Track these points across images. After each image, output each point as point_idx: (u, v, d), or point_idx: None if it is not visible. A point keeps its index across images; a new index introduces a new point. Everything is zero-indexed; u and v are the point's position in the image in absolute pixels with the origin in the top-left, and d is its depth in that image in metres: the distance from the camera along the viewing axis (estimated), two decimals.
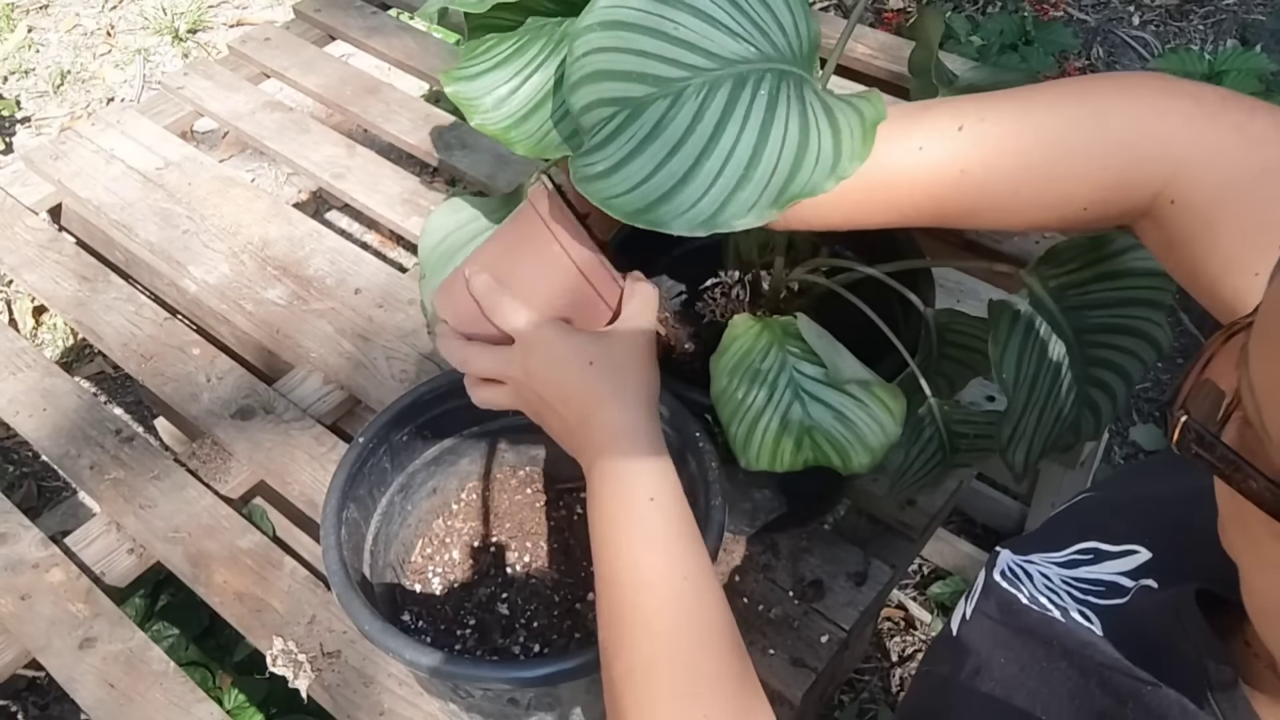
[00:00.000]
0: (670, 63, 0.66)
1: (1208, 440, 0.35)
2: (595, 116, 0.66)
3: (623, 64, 0.66)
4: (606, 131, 0.65)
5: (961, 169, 0.61)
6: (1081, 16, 2.51)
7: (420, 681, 0.86)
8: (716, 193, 0.62)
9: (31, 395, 1.11)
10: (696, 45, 0.66)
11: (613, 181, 0.63)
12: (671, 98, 0.65)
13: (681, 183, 0.62)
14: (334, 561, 0.75)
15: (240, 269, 1.22)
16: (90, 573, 0.97)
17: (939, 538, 1.55)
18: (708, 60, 0.66)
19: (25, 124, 2.47)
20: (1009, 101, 0.62)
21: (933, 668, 0.59)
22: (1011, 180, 0.60)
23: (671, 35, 0.66)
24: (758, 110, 0.64)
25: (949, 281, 1.13)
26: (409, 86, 1.73)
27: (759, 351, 0.78)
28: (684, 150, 0.63)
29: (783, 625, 0.90)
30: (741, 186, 0.62)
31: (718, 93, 0.65)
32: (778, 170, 0.62)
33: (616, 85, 0.66)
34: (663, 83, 0.65)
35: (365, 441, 0.82)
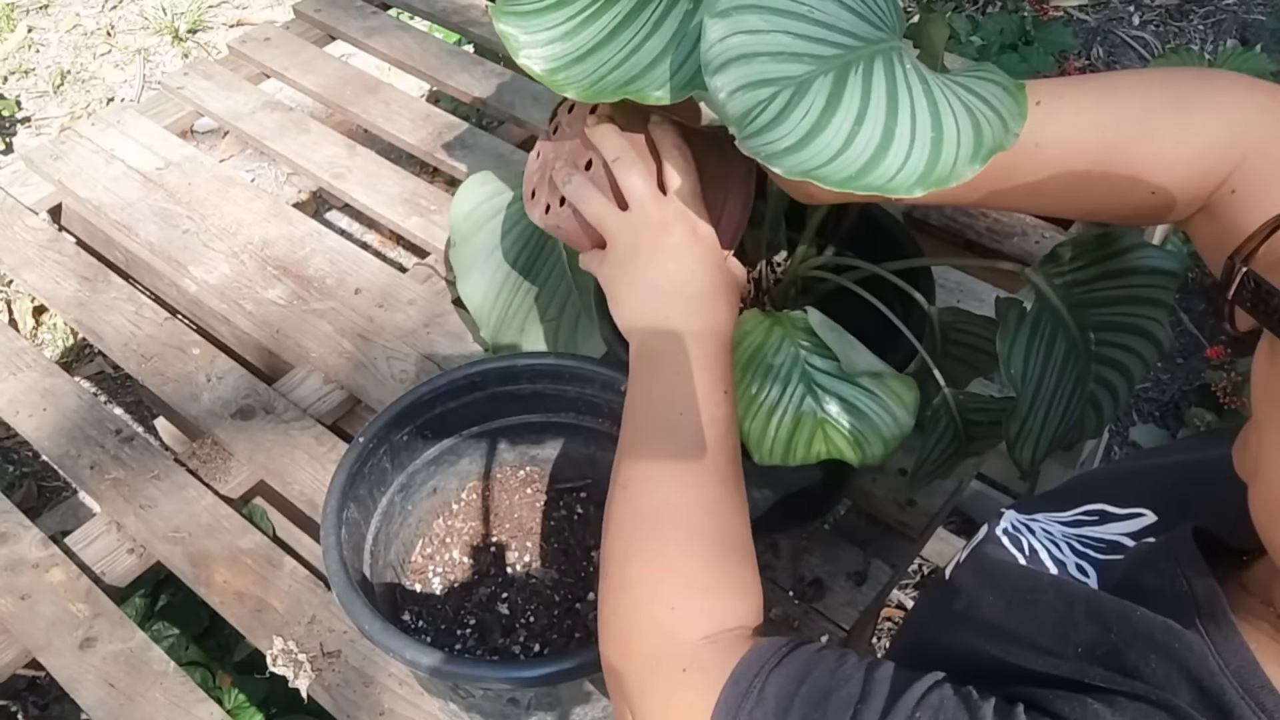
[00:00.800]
0: (819, 42, 0.66)
1: (1265, 287, 0.37)
2: (755, 96, 0.65)
3: (770, 45, 0.65)
4: (773, 111, 0.64)
5: (1036, 142, 0.61)
6: (1081, 16, 2.51)
7: (420, 681, 0.86)
8: (917, 157, 0.61)
9: (31, 395, 1.11)
10: (835, 25, 0.66)
11: (807, 154, 0.62)
12: (834, 73, 0.64)
13: (881, 149, 0.61)
14: (334, 561, 0.75)
15: (240, 269, 1.22)
16: (90, 573, 0.97)
17: (939, 538, 1.55)
18: (851, 39, 0.66)
19: (25, 124, 2.47)
20: (1090, 82, 0.62)
21: (920, 608, 0.60)
22: (1087, 157, 0.60)
23: (809, 17, 0.67)
24: (917, 84, 0.64)
25: (949, 281, 1.13)
26: (409, 86, 1.73)
27: (770, 346, 0.78)
28: (869, 120, 0.62)
29: (783, 625, 0.90)
30: (937, 148, 0.61)
31: (876, 68, 0.64)
32: (961, 132, 0.61)
33: (771, 65, 0.65)
34: (820, 60, 0.65)
35: (365, 441, 0.82)
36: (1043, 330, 0.78)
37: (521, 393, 0.87)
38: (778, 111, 0.64)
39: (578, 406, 0.88)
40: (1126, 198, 0.61)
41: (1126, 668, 0.45)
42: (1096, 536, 0.54)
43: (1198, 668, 0.43)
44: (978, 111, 0.62)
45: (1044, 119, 0.61)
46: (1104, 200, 0.62)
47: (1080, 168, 0.61)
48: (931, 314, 0.82)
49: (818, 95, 0.63)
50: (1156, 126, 0.59)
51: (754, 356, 0.78)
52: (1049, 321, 0.78)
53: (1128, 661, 0.46)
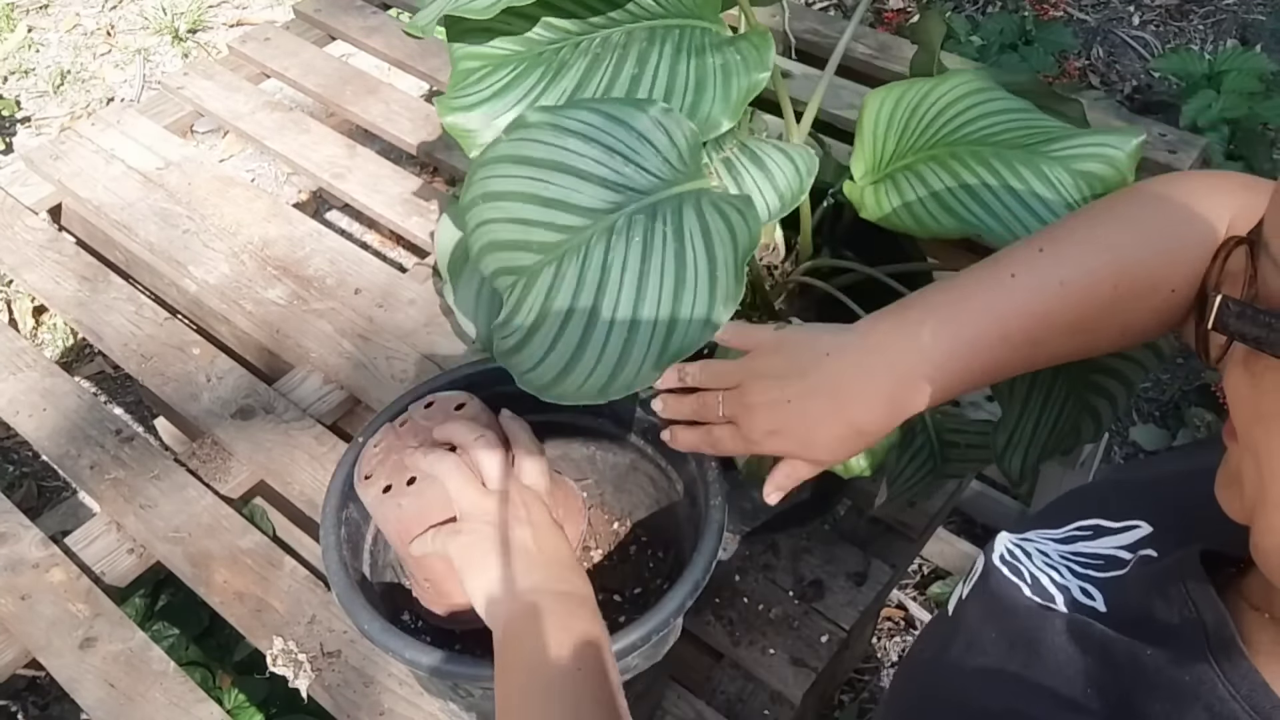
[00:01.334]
0: (548, 227, 0.67)
1: (1248, 312, 0.38)
2: (503, 284, 0.68)
3: (509, 233, 0.67)
4: (513, 300, 0.66)
5: (1060, 281, 0.63)
6: (1081, 16, 2.52)
7: (420, 681, 0.86)
8: (606, 360, 0.63)
9: (31, 395, 1.11)
10: (568, 203, 0.67)
11: (524, 356, 0.65)
12: (555, 263, 0.66)
13: (578, 352, 0.64)
14: (334, 561, 0.75)
15: (240, 269, 1.22)
16: (90, 573, 0.97)
17: (939, 538, 1.55)
18: (580, 217, 0.67)
19: (25, 124, 2.47)
20: (1075, 217, 0.66)
21: (921, 649, 0.60)
22: (1108, 276, 0.62)
23: (544, 197, 0.67)
24: (633, 263, 0.65)
25: None
26: (409, 86, 1.73)
27: None
28: (574, 319, 0.64)
29: (783, 625, 0.90)
30: (628, 351, 0.63)
31: (594, 253, 0.66)
32: (656, 329, 0.63)
33: (509, 255, 0.67)
34: (546, 248, 0.66)
35: (365, 441, 0.82)
36: None
37: (520, 392, 0.87)
38: (515, 303, 0.66)
39: (577, 407, 0.88)
40: (1151, 304, 0.63)
41: (1140, 712, 0.45)
42: (1092, 552, 0.54)
43: (1208, 695, 0.43)
44: (686, 299, 0.64)
45: (1056, 260, 0.63)
46: (1136, 314, 0.64)
47: (1106, 290, 0.62)
48: None
49: (540, 289, 0.65)
50: (1155, 231, 0.62)
51: None
52: None
53: (1139, 704, 0.45)
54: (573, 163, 0.68)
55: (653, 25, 0.77)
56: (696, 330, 0.62)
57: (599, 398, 0.63)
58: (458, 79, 0.77)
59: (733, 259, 0.63)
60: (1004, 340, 0.63)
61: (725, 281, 0.63)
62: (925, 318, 0.64)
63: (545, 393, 0.63)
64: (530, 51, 0.77)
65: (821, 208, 0.92)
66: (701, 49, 0.76)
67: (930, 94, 0.80)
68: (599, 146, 0.68)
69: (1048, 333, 0.63)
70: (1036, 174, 0.74)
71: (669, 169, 0.69)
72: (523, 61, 0.77)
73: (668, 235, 0.65)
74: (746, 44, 0.75)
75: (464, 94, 0.76)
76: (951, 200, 0.75)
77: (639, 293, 0.64)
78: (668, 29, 0.77)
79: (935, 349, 0.63)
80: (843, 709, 1.49)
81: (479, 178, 0.68)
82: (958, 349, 0.63)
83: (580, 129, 0.69)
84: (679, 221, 0.66)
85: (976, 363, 0.64)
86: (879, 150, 0.80)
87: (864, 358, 0.66)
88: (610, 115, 0.70)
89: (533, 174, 0.67)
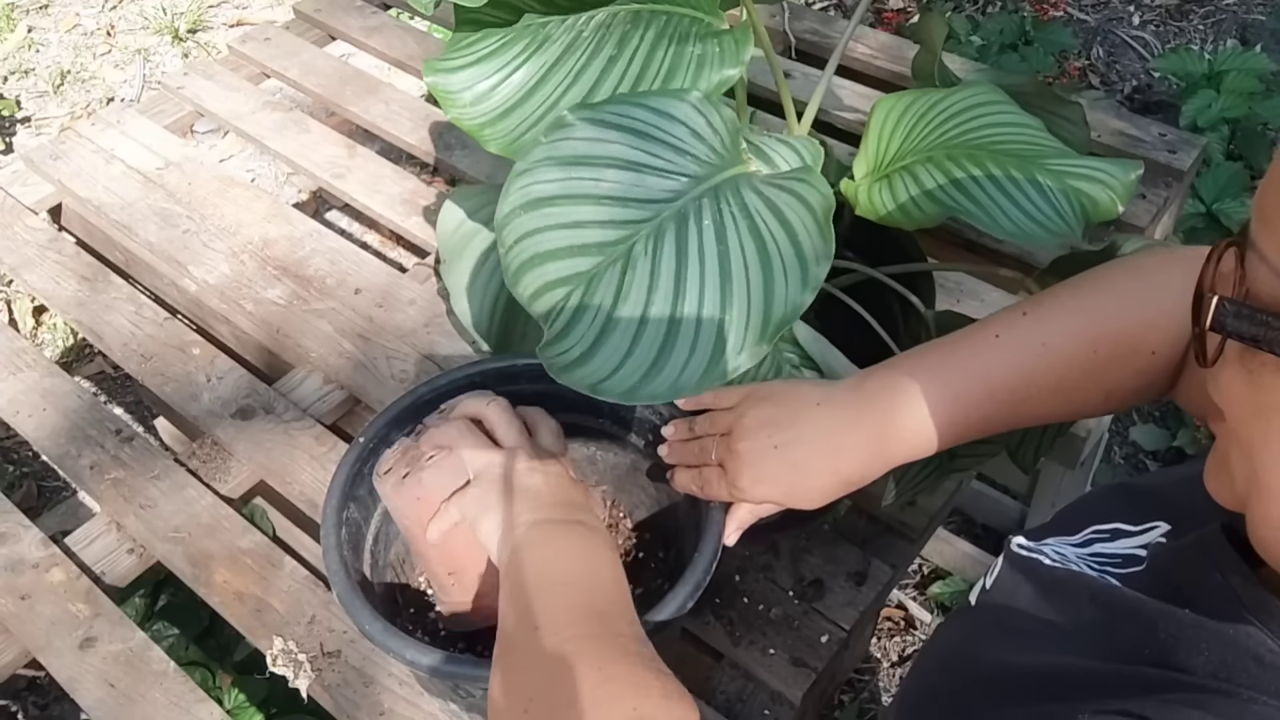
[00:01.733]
0: (607, 225, 0.63)
1: (1245, 311, 0.38)
2: (548, 301, 0.62)
3: (559, 240, 0.63)
4: (566, 315, 0.62)
5: (1043, 342, 0.65)
6: (1081, 16, 2.52)
7: (420, 681, 0.86)
8: (703, 347, 0.60)
9: (31, 395, 1.11)
10: (627, 197, 0.64)
11: (592, 368, 0.60)
12: (621, 260, 0.62)
13: (664, 350, 0.60)
14: (334, 562, 0.75)
15: (240, 269, 1.22)
16: (90, 573, 0.97)
17: (939, 538, 1.55)
18: (642, 209, 0.64)
19: (25, 124, 2.47)
20: (1059, 286, 0.68)
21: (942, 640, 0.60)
22: (1089, 338, 0.65)
23: (597, 195, 0.64)
24: (710, 245, 0.62)
25: (949, 281, 1.13)
26: (409, 86, 1.73)
27: None
28: (654, 311, 0.60)
29: (783, 625, 0.90)
30: (723, 335, 0.60)
31: (665, 241, 0.62)
32: (753, 302, 0.60)
33: (560, 264, 0.62)
34: (606, 248, 0.62)
35: (365, 442, 0.82)
36: None
37: (521, 393, 0.87)
38: (571, 317, 0.62)
39: (578, 406, 0.88)
40: (1134, 366, 0.65)
41: (1180, 665, 0.45)
42: (1111, 552, 0.54)
43: (1257, 647, 0.43)
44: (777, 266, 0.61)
45: (1039, 323, 0.66)
46: (1118, 377, 0.65)
47: (1087, 351, 0.65)
48: (928, 318, 0.82)
49: (606, 292, 0.61)
50: (1134, 297, 0.65)
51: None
52: None
53: (1179, 659, 0.45)
54: (623, 155, 0.66)
55: (639, 9, 0.77)
56: (796, 293, 0.60)
57: (700, 387, 0.59)
58: (451, 44, 0.78)
59: (811, 219, 0.62)
60: (989, 396, 0.65)
61: (811, 241, 0.61)
62: (914, 371, 0.67)
63: (631, 397, 0.60)
64: (520, 24, 0.78)
65: None
66: (684, 37, 0.75)
67: (940, 102, 0.80)
68: (646, 138, 0.67)
69: (1031, 390, 0.65)
70: (1028, 178, 0.74)
71: (715, 155, 0.67)
72: (510, 32, 0.77)
73: (735, 215, 0.63)
74: (729, 38, 0.75)
75: (451, 56, 0.77)
76: (938, 191, 0.75)
77: (723, 272, 0.61)
78: (653, 14, 0.77)
79: (922, 402, 0.65)
80: (843, 709, 1.49)
81: (518, 186, 0.65)
82: (944, 402, 0.65)
83: (623, 122, 0.67)
84: (742, 201, 0.64)
85: (962, 416, 0.66)
86: (882, 152, 0.80)
87: (853, 409, 0.67)
88: (650, 106, 0.68)
89: (581, 173, 0.65)
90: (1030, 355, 0.65)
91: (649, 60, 0.74)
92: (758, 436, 0.68)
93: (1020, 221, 0.73)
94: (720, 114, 0.69)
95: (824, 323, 0.85)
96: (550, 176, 0.65)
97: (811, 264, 0.61)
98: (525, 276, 0.63)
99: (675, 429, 0.77)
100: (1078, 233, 0.73)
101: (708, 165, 0.67)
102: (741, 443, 0.69)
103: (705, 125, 0.68)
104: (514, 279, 0.64)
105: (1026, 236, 0.73)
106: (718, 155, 0.68)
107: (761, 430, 0.68)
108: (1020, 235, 0.73)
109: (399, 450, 0.78)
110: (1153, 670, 0.45)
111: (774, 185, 0.65)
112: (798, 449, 0.67)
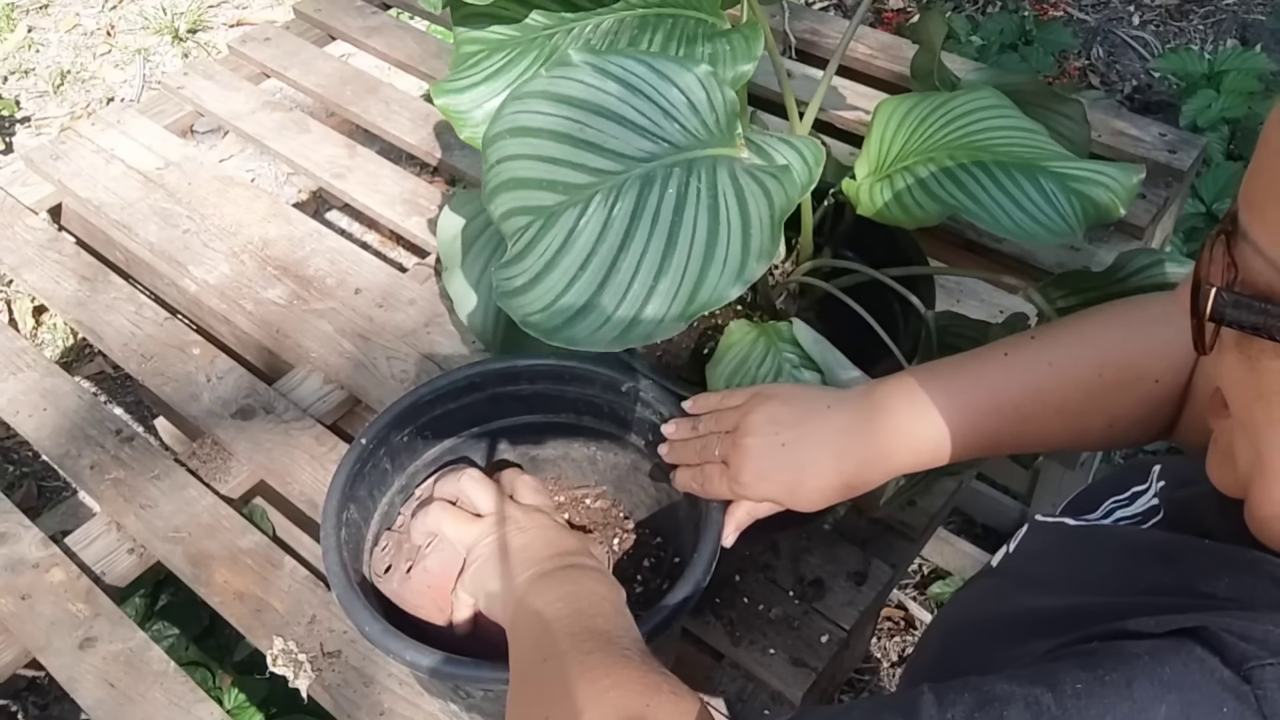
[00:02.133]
0: (578, 168, 0.65)
1: (1243, 300, 0.39)
2: (514, 225, 0.65)
3: (534, 171, 0.65)
4: (524, 241, 0.64)
5: (1049, 362, 0.67)
6: (1081, 16, 2.51)
7: (420, 682, 0.86)
8: (627, 307, 0.61)
9: (31, 395, 1.11)
10: (604, 147, 0.66)
11: (531, 297, 0.62)
12: (581, 205, 0.64)
13: (595, 296, 0.61)
14: (334, 563, 0.75)
15: (240, 269, 1.22)
16: (90, 573, 0.97)
17: (939, 538, 1.55)
18: (615, 162, 0.65)
19: (25, 124, 2.47)
20: (1069, 317, 0.70)
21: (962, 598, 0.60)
22: (1094, 363, 0.66)
23: (578, 139, 0.66)
24: (666, 212, 0.63)
25: (948, 281, 1.13)
26: (409, 86, 1.73)
27: (755, 358, 0.78)
28: (595, 261, 0.62)
29: (783, 625, 0.90)
30: (650, 299, 0.61)
31: (625, 197, 0.64)
32: (685, 278, 0.61)
33: (529, 194, 0.65)
34: (572, 189, 0.64)
35: (365, 443, 0.82)
36: None
37: (522, 393, 0.87)
38: (527, 243, 0.64)
39: (578, 407, 0.88)
40: (1137, 394, 0.66)
41: (1201, 592, 0.46)
42: (1131, 513, 0.56)
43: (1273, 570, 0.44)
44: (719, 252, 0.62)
45: (1046, 345, 0.68)
46: (1122, 404, 0.66)
47: (1092, 374, 0.66)
48: (928, 318, 0.82)
49: (560, 230, 0.63)
50: (1139, 327, 0.66)
51: (739, 367, 0.78)
52: None
53: (1199, 586, 0.46)
54: (613, 107, 0.67)
55: (645, 14, 0.77)
56: (728, 283, 0.61)
57: (613, 345, 0.61)
58: (458, 62, 0.78)
59: (768, 216, 0.62)
60: (995, 410, 0.67)
61: (760, 238, 0.62)
62: (923, 381, 0.68)
63: (552, 336, 0.61)
64: (525, 37, 0.77)
65: (822, 207, 0.92)
66: (693, 38, 0.76)
67: (943, 105, 0.80)
68: (641, 96, 0.67)
69: (1037, 408, 0.67)
70: (1030, 180, 0.75)
71: (705, 131, 0.68)
72: (517, 46, 0.77)
73: (701, 191, 0.64)
74: (738, 36, 0.75)
75: (458, 77, 0.77)
76: (937, 188, 0.75)
77: (669, 242, 0.62)
78: (660, 18, 0.77)
79: (931, 410, 0.66)
80: None
81: (509, 111, 0.67)
82: (951, 411, 0.66)
83: (623, 75, 0.68)
84: (713, 179, 0.65)
85: (968, 427, 0.67)
86: (884, 153, 0.80)
87: (862, 414, 0.68)
88: (654, 67, 0.69)
89: (569, 113, 0.66)
90: (1037, 373, 0.67)
91: None
92: (765, 432, 0.69)
93: (1021, 220, 0.73)
94: (723, 93, 0.69)
95: (824, 323, 0.85)
96: (540, 109, 0.66)
97: (752, 259, 0.62)
98: (499, 196, 0.66)
99: (677, 427, 0.77)
100: (1079, 233, 0.73)
101: (692, 138, 0.67)
102: (748, 438, 0.69)
103: (704, 99, 0.69)
104: (489, 196, 0.66)
105: (1027, 236, 0.73)
106: (707, 130, 0.68)
107: (769, 426, 0.69)
108: (1021, 234, 0.73)
109: (391, 547, 0.80)
110: (1173, 600, 0.46)
111: (749, 174, 0.66)
112: (803, 448, 0.68)
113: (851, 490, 0.69)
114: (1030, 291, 0.79)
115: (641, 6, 0.78)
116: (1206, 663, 0.40)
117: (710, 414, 0.75)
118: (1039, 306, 0.78)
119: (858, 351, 0.80)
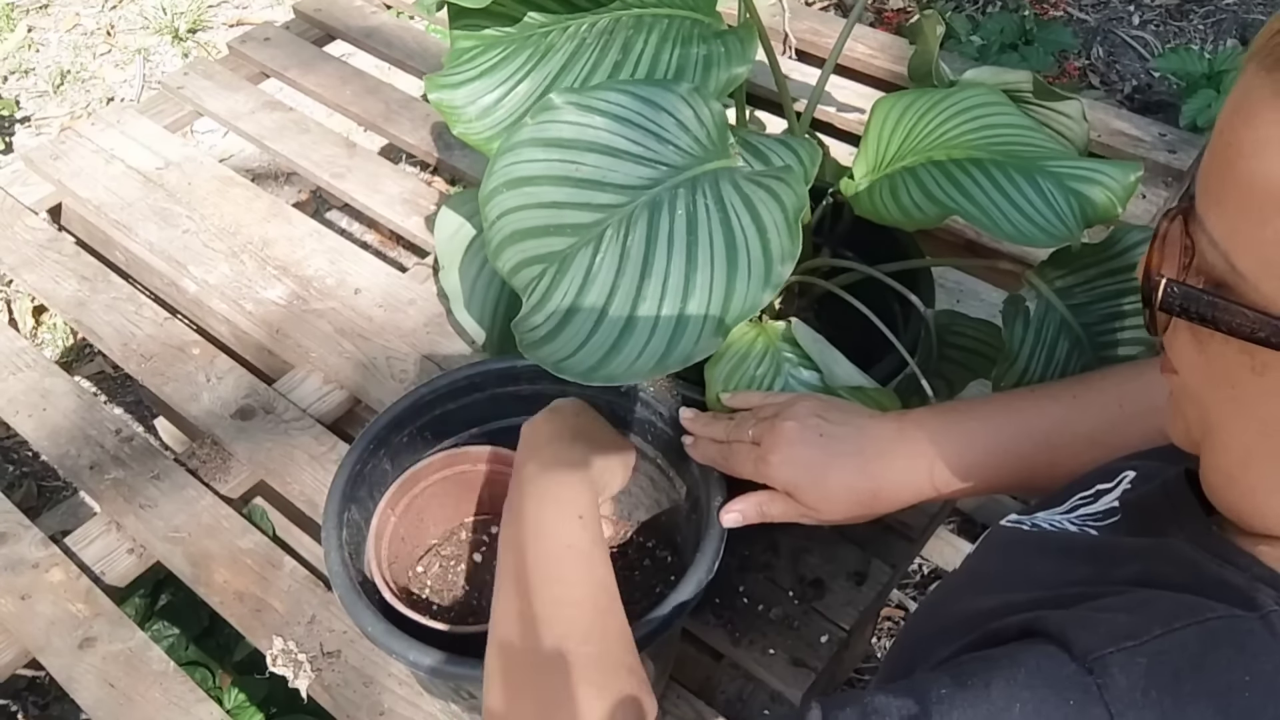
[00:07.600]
0: (582, 207, 0.65)
1: (1192, 293, 0.40)
2: (525, 276, 0.65)
3: (536, 219, 0.65)
4: (540, 291, 0.64)
5: (1073, 394, 0.71)
6: (1081, 16, 2.51)
7: (421, 682, 0.86)
8: (660, 333, 0.61)
9: (31, 395, 1.11)
10: (604, 182, 0.66)
11: (558, 344, 0.62)
12: (594, 242, 0.64)
13: (625, 329, 0.61)
14: (336, 564, 0.75)
15: (240, 269, 1.22)
16: (90, 572, 0.97)
17: (939, 538, 1.55)
18: (618, 194, 0.65)
19: (25, 124, 2.47)
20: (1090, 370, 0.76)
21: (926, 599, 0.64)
22: (1116, 396, 0.70)
23: (577, 179, 0.66)
24: (680, 233, 0.63)
25: (949, 281, 1.13)
26: (409, 86, 1.73)
27: (754, 358, 0.78)
28: (619, 295, 0.62)
29: (783, 625, 0.90)
30: (682, 323, 0.61)
31: (636, 227, 0.64)
32: (713, 294, 0.62)
33: (535, 243, 0.65)
34: (580, 229, 0.64)
35: (366, 443, 0.82)
36: (1045, 333, 0.78)
37: (522, 393, 0.87)
38: (544, 292, 0.64)
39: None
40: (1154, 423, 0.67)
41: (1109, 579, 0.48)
42: (1093, 510, 0.57)
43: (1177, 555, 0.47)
44: (741, 262, 0.62)
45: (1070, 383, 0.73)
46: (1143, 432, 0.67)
47: (1114, 405, 0.69)
48: (928, 317, 0.82)
49: (576, 273, 0.63)
50: (1150, 365, 0.67)
51: (738, 367, 0.78)
52: (1052, 324, 0.78)
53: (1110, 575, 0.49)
54: (605, 141, 0.67)
55: (641, 14, 0.77)
56: (757, 290, 0.61)
57: (655, 372, 0.61)
58: (453, 57, 0.78)
59: (782, 218, 0.63)
60: (1027, 436, 0.69)
61: (779, 241, 0.62)
62: (955, 405, 0.72)
63: (589, 377, 0.61)
64: (520, 34, 0.77)
65: (820, 207, 0.92)
66: (688, 39, 0.76)
67: (940, 102, 0.80)
68: (630, 125, 0.68)
69: (1066, 437, 0.69)
70: (1028, 180, 0.75)
71: (699, 147, 0.68)
72: (512, 43, 0.77)
73: (709, 207, 0.64)
74: (733, 37, 0.75)
75: (453, 72, 0.77)
76: (935, 189, 0.75)
77: (689, 261, 0.62)
78: (655, 18, 0.77)
79: (963, 430, 0.69)
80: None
81: (501, 165, 0.67)
82: (984, 435, 0.69)
83: (609, 109, 0.68)
84: (719, 193, 0.65)
85: (1000, 450, 0.69)
86: (881, 152, 0.80)
87: (905, 429, 0.71)
88: (638, 95, 0.69)
89: (563, 155, 0.66)
90: (1063, 403, 0.70)
91: (655, 64, 0.74)
92: (808, 419, 0.70)
93: (1019, 224, 0.73)
94: (709, 107, 0.69)
95: (824, 323, 0.85)
96: (532, 157, 0.66)
97: (776, 263, 0.62)
98: (505, 251, 0.66)
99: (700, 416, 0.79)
100: (1077, 235, 0.73)
101: (689, 156, 0.68)
102: (788, 421, 0.70)
103: (692, 117, 0.69)
104: (495, 253, 0.66)
105: (1025, 239, 0.73)
106: (701, 147, 0.68)
107: (813, 416, 0.70)
108: (1019, 238, 0.73)
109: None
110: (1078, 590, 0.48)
111: (752, 181, 0.66)
112: (840, 444, 0.69)
113: (877, 502, 0.71)
114: (1029, 275, 0.79)
115: (638, 6, 0.78)
116: (1055, 658, 0.43)
117: (743, 414, 0.75)
118: (1039, 289, 0.78)
119: (857, 351, 0.80)
